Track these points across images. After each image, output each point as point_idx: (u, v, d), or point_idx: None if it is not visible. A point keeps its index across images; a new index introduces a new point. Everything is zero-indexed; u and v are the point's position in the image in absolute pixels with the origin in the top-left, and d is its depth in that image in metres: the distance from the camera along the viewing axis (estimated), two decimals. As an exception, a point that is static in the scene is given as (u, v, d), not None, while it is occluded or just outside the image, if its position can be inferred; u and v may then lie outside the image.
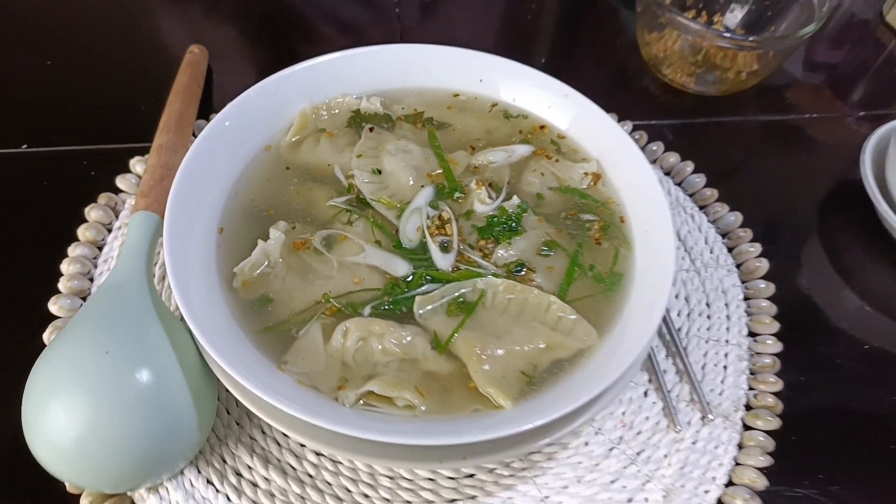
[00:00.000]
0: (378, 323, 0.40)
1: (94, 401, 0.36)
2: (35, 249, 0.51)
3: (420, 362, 0.39)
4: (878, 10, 0.79)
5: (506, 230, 0.44)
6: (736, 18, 0.71)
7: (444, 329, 0.40)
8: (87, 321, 0.39)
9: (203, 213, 0.43)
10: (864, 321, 0.53)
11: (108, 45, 0.68)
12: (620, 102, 0.65)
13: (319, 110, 0.50)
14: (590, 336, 0.41)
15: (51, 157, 0.57)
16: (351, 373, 0.38)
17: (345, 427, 0.34)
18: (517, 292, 0.42)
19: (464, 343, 0.39)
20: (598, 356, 0.40)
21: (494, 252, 0.44)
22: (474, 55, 0.52)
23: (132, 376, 0.37)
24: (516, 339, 0.40)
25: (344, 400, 0.37)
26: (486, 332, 0.40)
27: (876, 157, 0.59)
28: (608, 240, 0.45)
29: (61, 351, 0.38)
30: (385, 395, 0.37)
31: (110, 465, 0.37)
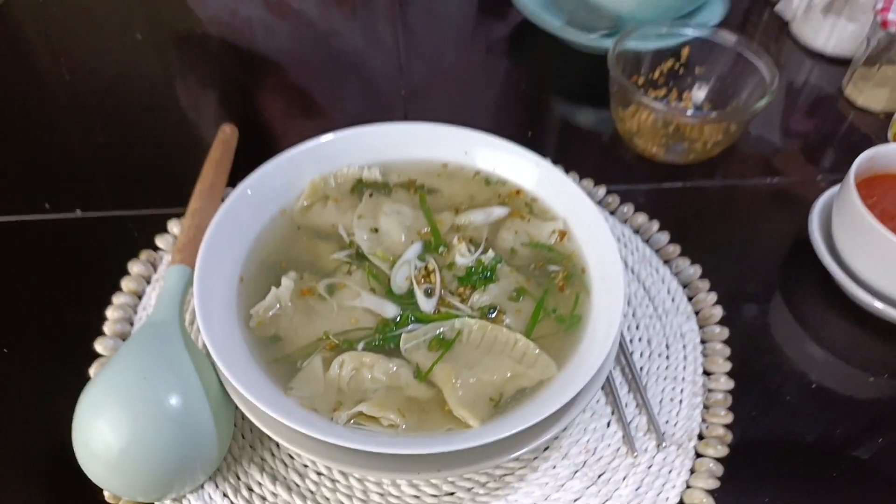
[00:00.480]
0: (369, 356, 0.47)
1: (133, 419, 0.44)
2: (85, 298, 0.59)
3: (403, 389, 0.46)
4: (839, 86, 0.87)
5: (482, 279, 0.52)
6: (702, 94, 0.80)
7: (425, 361, 0.47)
8: (128, 353, 0.47)
9: (227, 265, 0.52)
10: (812, 362, 0.59)
11: (152, 125, 0.78)
12: (597, 170, 0.73)
13: (327, 179, 0.59)
14: (549, 368, 0.47)
15: (101, 220, 0.67)
16: (345, 397, 0.46)
17: (338, 439, 0.41)
18: (489, 331, 0.49)
19: (441, 373, 0.46)
20: (555, 385, 0.46)
21: (471, 297, 0.51)
22: (461, 131, 0.61)
23: (165, 400, 0.44)
24: (486, 370, 0.47)
25: (338, 419, 0.44)
26: (460, 364, 0.47)
27: (823, 218, 0.66)
28: (570, 287, 0.52)
29: (106, 377, 0.46)
30: (373, 415, 0.44)
31: (145, 476, 0.44)
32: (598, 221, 0.54)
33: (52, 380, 0.54)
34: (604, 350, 0.46)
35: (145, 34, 0.91)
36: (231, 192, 0.54)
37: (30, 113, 0.79)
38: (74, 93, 0.82)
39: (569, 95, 0.86)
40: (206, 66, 0.88)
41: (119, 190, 0.70)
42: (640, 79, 0.81)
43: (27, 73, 0.85)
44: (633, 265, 0.63)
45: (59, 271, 0.62)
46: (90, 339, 0.55)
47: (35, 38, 0.90)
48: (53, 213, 0.67)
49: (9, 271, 0.62)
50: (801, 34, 0.94)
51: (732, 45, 0.76)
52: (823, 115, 0.85)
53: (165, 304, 0.51)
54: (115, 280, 0.60)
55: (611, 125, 0.78)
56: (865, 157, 0.63)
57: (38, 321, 0.58)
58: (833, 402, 0.56)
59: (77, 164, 0.73)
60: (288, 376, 0.47)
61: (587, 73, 0.89)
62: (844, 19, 0.89)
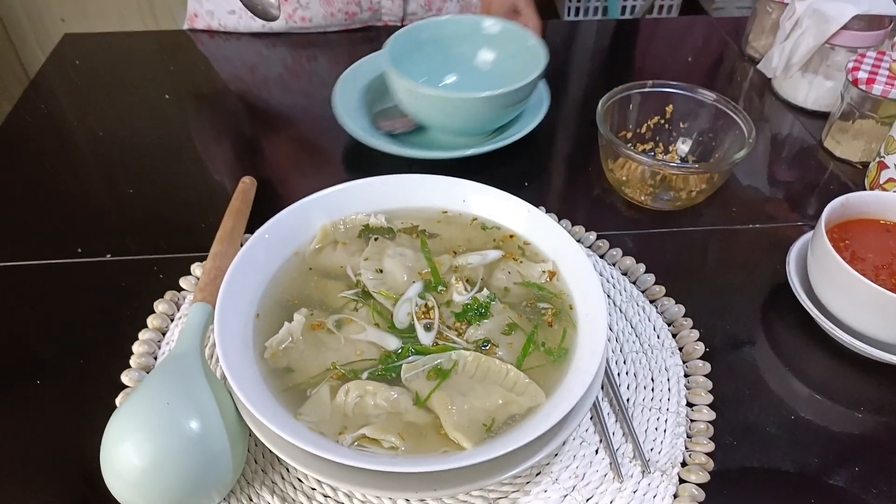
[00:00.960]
0: (372, 384, 0.51)
1: (156, 441, 0.48)
2: (113, 334, 0.64)
3: (403, 414, 0.50)
4: (819, 138, 0.93)
5: (477, 315, 0.57)
6: (686, 147, 0.86)
7: (423, 389, 0.52)
8: (153, 382, 0.52)
9: (244, 303, 0.57)
10: (791, 395, 0.62)
11: (178, 176, 0.85)
12: (589, 217, 0.78)
13: (337, 225, 0.64)
14: (538, 396, 0.51)
15: (128, 264, 0.72)
16: (349, 421, 0.50)
17: (343, 459, 0.45)
18: (482, 362, 0.53)
19: (438, 400, 0.51)
20: (544, 411, 0.51)
21: (467, 331, 0.56)
22: (460, 182, 0.66)
23: (186, 424, 0.49)
24: (480, 398, 0.51)
25: (343, 441, 0.48)
26: (456, 392, 0.51)
27: (800, 260, 0.70)
28: (559, 322, 0.57)
29: (132, 404, 0.50)
30: (375, 437, 0.48)
31: (165, 495, 0.48)
32: (583, 262, 0.58)
33: (82, 409, 0.59)
34: (587, 380, 0.50)
35: (172, 93, 0.99)
36: (249, 238, 0.59)
37: (64, 167, 0.86)
38: (105, 148, 0.89)
39: (562, 149, 0.92)
40: (227, 122, 0.96)
41: (146, 236, 0.75)
42: (629, 133, 0.87)
43: (63, 130, 0.93)
44: (620, 304, 0.68)
45: (90, 310, 0.67)
46: (118, 371, 0.60)
47: (70, 98, 0.98)
48: (85, 257, 0.73)
49: (43, 310, 0.68)
50: (782, 90, 1.00)
51: (712, 101, 0.82)
52: (804, 164, 0.90)
53: (188, 337, 0.56)
54: (141, 318, 0.65)
55: (601, 175, 0.84)
56: (837, 204, 0.68)
57: (69, 356, 0.63)
58: (810, 433, 0.59)
59: (107, 214, 0.79)
60: (298, 403, 0.51)
61: (579, 128, 0.95)
62: (822, 77, 0.96)
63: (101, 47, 1.09)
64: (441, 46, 0.92)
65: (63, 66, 1.04)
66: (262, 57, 1.07)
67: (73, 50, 1.07)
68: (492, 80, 0.90)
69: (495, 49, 0.93)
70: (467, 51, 0.93)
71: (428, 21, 0.91)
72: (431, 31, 0.91)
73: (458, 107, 0.80)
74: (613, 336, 0.65)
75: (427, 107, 0.82)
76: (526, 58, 0.87)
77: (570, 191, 0.87)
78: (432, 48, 0.91)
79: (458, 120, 0.83)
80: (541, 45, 0.86)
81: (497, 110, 0.82)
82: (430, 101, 0.80)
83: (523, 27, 0.92)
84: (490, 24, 0.92)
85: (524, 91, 0.81)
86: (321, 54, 1.09)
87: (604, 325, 0.53)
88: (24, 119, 0.93)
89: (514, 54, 0.90)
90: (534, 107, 0.89)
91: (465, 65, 0.93)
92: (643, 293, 0.69)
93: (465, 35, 0.92)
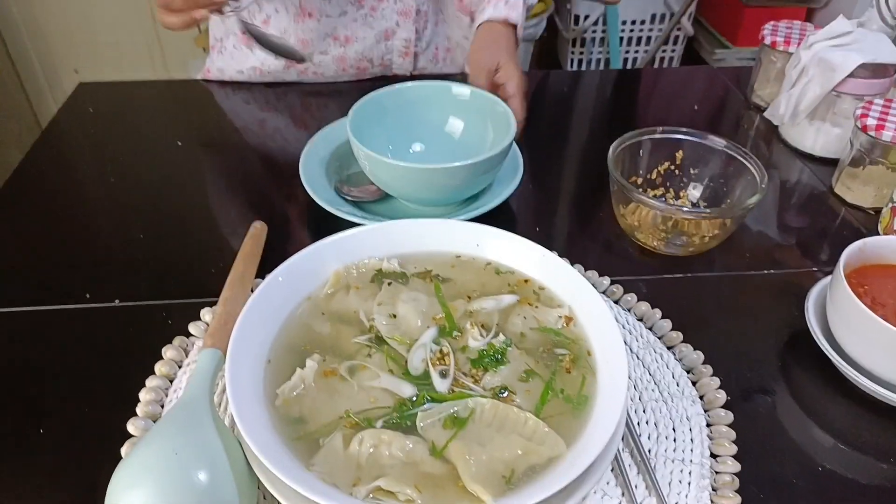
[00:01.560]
0: (387, 433, 0.50)
1: (163, 493, 0.46)
2: (120, 382, 0.63)
3: (419, 465, 0.49)
4: (829, 184, 0.93)
5: (493, 361, 0.55)
6: (697, 193, 0.86)
7: (440, 438, 0.50)
8: (160, 430, 0.50)
9: (255, 349, 0.56)
10: (817, 445, 0.60)
11: (189, 222, 0.85)
12: (601, 262, 0.77)
13: (350, 269, 0.63)
14: (558, 446, 0.50)
15: (137, 309, 0.71)
16: (364, 472, 0.48)
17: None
18: (500, 410, 0.52)
19: (455, 450, 0.49)
20: (565, 462, 0.49)
21: (483, 378, 0.54)
22: (473, 226, 0.66)
23: (195, 474, 0.47)
24: (498, 447, 0.49)
25: (358, 494, 0.46)
26: (473, 442, 0.50)
27: (819, 306, 0.69)
28: (577, 369, 0.56)
29: (139, 453, 0.48)
30: (390, 489, 0.46)
31: (171, 550, 0.46)
32: (601, 307, 0.57)
33: (86, 460, 0.57)
34: (610, 428, 0.48)
35: (184, 140, 1.00)
36: (261, 282, 0.58)
37: (75, 212, 0.86)
38: (116, 193, 0.89)
39: (570, 195, 0.92)
40: (237, 169, 0.96)
41: (156, 282, 0.75)
42: (639, 179, 0.87)
43: (75, 176, 0.94)
44: (637, 351, 0.66)
45: (97, 356, 0.66)
46: (124, 420, 0.58)
47: (83, 145, 0.99)
48: (93, 302, 0.72)
49: (49, 356, 0.66)
50: (789, 138, 1.01)
51: (722, 147, 0.83)
52: (816, 210, 0.90)
53: (196, 384, 0.54)
54: (150, 364, 0.64)
55: (612, 221, 0.84)
56: (855, 248, 0.67)
57: (74, 404, 0.61)
58: (839, 485, 0.57)
59: (117, 259, 0.79)
60: (310, 453, 0.49)
61: (587, 176, 0.95)
62: (829, 124, 0.96)
63: (115, 95, 1.11)
64: (408, 112, 0.88)
65: (77, 114, 1.05)
66: (272, 105, 1.09)
67: (88, 98, 1.08)
68: (462, 147, 0.88)
69: (464, 115, 0.90)
70: (436, 117, 0.90)
71: (394, 87, 0.87)
72: (397, 97, 0.87)
73: (423, 177, 0.76)
74: (632, 384, 0.63)
75: (392, 177, 0.78)
76: (496, 124, 0.85)
77: (581, 236, 0.86)
78: (399, 114, 0.88)
79: (425, 191, 0.79)
80: (510, 111, 0.83)
81: (465, 180, 0.77)
82: (394, 172, 0.77)
83: (505, 81, 0.90)
84: (459, 90, 0.89)
85: (493, 161, 0.77)
86: (332, 102, 1.10)
87: (624, 370, 0.52)
88: (37, 165, 0.94)
89: (483, 120, 0.87)
90: (508, 173, 0.86)
91: (434, 131, 0.90)
92: (660, 339, 0.68)
93: (432, 100, 0.89)
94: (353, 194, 0.84)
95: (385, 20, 1.08)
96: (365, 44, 1.10)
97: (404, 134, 0.90)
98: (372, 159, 0.77)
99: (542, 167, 0.95)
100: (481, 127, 0.88)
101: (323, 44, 1.08)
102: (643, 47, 2.33)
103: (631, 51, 2.35)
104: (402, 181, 0.78)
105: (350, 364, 0.55)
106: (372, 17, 1.08)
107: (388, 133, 0.88)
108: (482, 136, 0.88)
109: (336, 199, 0.83)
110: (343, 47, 1.09)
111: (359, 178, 0.86)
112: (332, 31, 1.07)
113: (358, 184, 0.86)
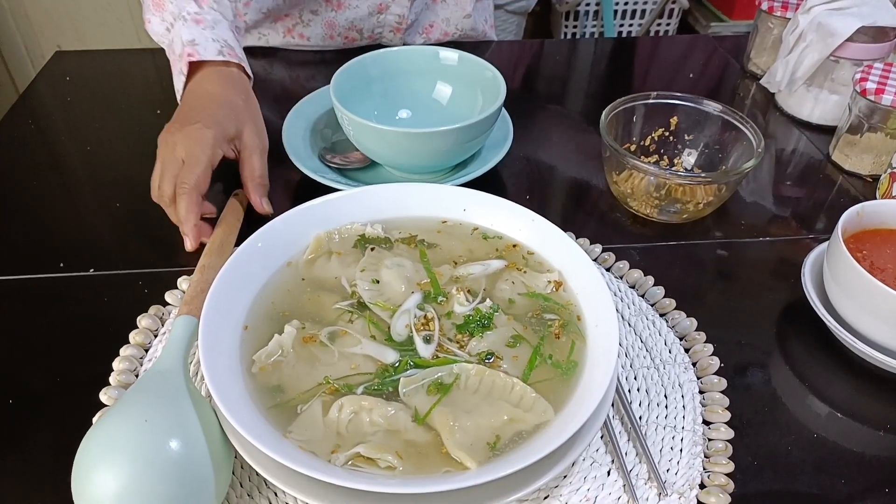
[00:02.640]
0: (368, 399, 0.48)
1: (132, 462, 0.44)
2: (93, 351, 0.60)
3: (401, 432, 0.47)
4: (827, 152, 0.91)
5: (479, 326, 0.53)
6: (692, 160, 0.84)
7: (423, 405, 0.48)
8: (131, 398, 0.48)
9: (232, 314, 0.54)
10: (812, 413, 0.58)
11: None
12: (593, 230, 0.75)
13: (332, 235, 0.61)
14: (546, 412, 0.48)
15: (112, 278, 0.69)
16: (343, 440, 0.46)
17: (335, 479, 0.42)
18: (486, 376, 0.50)
19: (439, 416, 0.47)
20: (552, 428, 0.47)
21: (469, 344, 0.52)
22: (459, 190, 0.64)
23: (166, 443, 0.45)
24: (484, 414, 0.47)
25: (335, 461, 0.44)
26: (458, 408, 0.48)
27: (815, 272, 0.67)
28: (566, 335, 0.54)
29: (107, 422, 0.46)
30: (370, 456, 0.45)
31: (143, 521, 0.44)
32: (592, 272, 0.55)
33: (57, 430, 0.55)
34: (599, 394, 0.47)
35: (164, 109, 0.96)
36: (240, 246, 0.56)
37: (50, 181, 0.84)
38: (93, 162, 0.86)
39: (562, 164, 0.89)
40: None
41: (132, 251, 0.72)
42: (632, 146, 0.84)
43: (51, 144, 0.90)
44: (629, 318, 0.65)
45: (71, 326, 0.64)
46: (96, 390, 0.56)
47: (59, 113, 0.96)
48: (67, 272, 0.69)
49: (21, 326, 0.64)
50: (786, 106, 0.99)
51: (718, 112, 0.80)
52: (813, 178, 0.88)
53: (170, 352, 0.52)
54: (124, 334, 0.61)
55: (605, 190, 0.81)
56: (853, 212, 0.65)
57: (46, 374, 0.59)
58: (835, 453, 0.55)
59: (92, 228, 0.76)
60: (287, 421, 0.47)
61: (579, 144, 0.93)
62: (827, 91, 0.94)
63: (93, 64, 1.07)
64: (394, 78, 0.86)
65: (54, 83, 1.01)
66: (257, 73, 1.05)
67: (65, 66, 1.05)
68: (449, 114, 0.85)
69: (453, 81, 0.87)
70: (423, 83, 0.87)
71: (380, 52, 0.84)
72: (383, 62, 0.85)
73: (409, 143, 0.73)
74: (623, 351, 0.62)
75: (377, 143, 0.75)
76: (485, 89, 0.82)
77: (573, 205, 0.84)
78: (385, 80, 0.85)
79: (412, 157, 0.76)
80: (499, 76, 0.80)
81: (453, 146, 0.74)
82: (380, 137, 0.73)
83: None
84: (446, 55, 0.85)
85: (482, 126, 0.74)
86: (318, 72, 1.07)
87: (615, 335, 0.50)
88: (12, 132, 0.90)
89: (472, 86, 0.84)
90: (497, 141, 0.83)
91: (421, 98, 0.87)
92: (652, 307, 0.66)
93: (419, 66, 0.86)
94: (336, 161, 0.81)
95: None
96: (357, 13, 1.06)
97: (390, 100, 0.87)
98: (356, 124, 0.74)
99: (534, 136, 0.92)
100: (470, 93, 0.85)
101: (314, 2, 1.04)
102: (637, 20, 2.29)
103: (625, 24, 2.31)
104: (387, 147, 0.75)
105: (330, 330, 0.53)
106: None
107: (373, 99, 0.85)
108: (471, 103, 0.85)
109: (320, 168, 0.80)
110: (334, 11, 1.05)
111: (344, 146, 0.84)
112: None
113: (343, 151, 0.83)
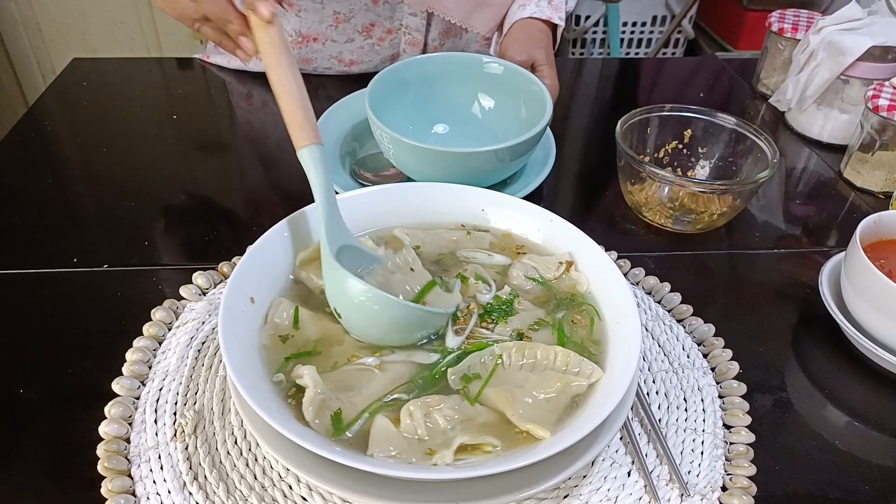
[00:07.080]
0: (432, 398, 0.48)
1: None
2: (107, 345, 0.60)
3: (474, 418, 0.47)
4: (838, 169, 0.91)
5: (502, 313, 0.55)
6: (706, 173, 0.84)
7: (475, 389, 0.49)
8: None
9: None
10: (833, 418, 0.58)
11: (180, 191, 0.82)
12: (607, 238, 0.75)
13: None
14: (595, 371, 0.50)
15: (127, 274, 0.68)
16: (431, 442, 0.46)
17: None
18: (527, 350, 0.51)
19: (496, 396, 0.48)
20: (603, 386, 0.49)
21: (495, 329, 0.54)
22: (477, 191, 0.64)
23: None
24: (537, 386, 0.49)
25: (442, 460, 0.44)
26: (511, 385, 0.49)
27: (833, 280, 0.67)
28: (585, 317, 0.56)
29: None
30: (473, 443, 0.45)
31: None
32: (609, 267, 0.56)
33: (67, 420, 0.54)
34: (634, 356, 0.48)
35: (180, 114, 0.97)
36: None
37: (65, 181, 0.84)
38: (109, 163, 0.86)
39: (580, 175, 0.90)
40: (245, 148, 0.94)
41: (146, 248, 0.72)
42: (646, 157, 0.85)
43: (67, 145, 0.91)
44: (646, 323, 0.64)
45: (83, 321, 0.63)
46: (108, 382, 0.56)
47: (75, 115, 0.96)
48: (81, 267, 0.69)
49: (34, 319, 0.64)
50: (796, 124, 1.00)
51: (732, 125, 0.81)
52: (825, 195, 0.88)
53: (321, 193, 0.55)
54: (137, 329, 0.61)
55: (619, 200, 0.81)
56: (870, 221, 0.65)
57: (59, 365, 0.59)
58: (857, 458, 0.55)
59: (106, 225, 0.76)
60: (362, 447, 0.45)
61: (592, 158, 0.93)
62: (837, 110, 0.95)
63: (110, 70, 1.08)
64: (432, 87, 0.80)
65: (71, 87, 1.02)
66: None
67: (81, 73, 1.06)
68: (488, 128, 0.80)
69: (495, 92, 0.81)
70: (463, 93, 0.81)
71: (417, 58, 0.79)
72: (421, 69, 0.78)
73: (455, 162, 0.67)
74: (640, 354, 0.61)
75: (419, 161, 0.69)
76: (529, 104, 0.76)
77: (588, 214, 0.84)
78: (422, 89, 0.79)
79: (451, 176, 0.67)
80: (545, 90, 0.75)
81: (494, 166, 0.69)
82: (422, 155, 0.68)
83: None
84: (490, 63, 0.79)
85: (527, 145, 0.69)
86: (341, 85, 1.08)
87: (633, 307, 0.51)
88: (29, 133, 0.91)
89: (517, 99, 0.78)
90: (539, 160, 0.78)
91: (458, 109, 0.81)
92: (669, 313, 0.66)
93: (460, 75, 0.80)
94: (371, 179, 0.76)
95: (392, 49, 1.06)
96: (370, 65, 1.06)
97: (426, 110, 0.81)
98: (396, 141, 0.67)
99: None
100: (513, 106, 0.79)
101: (326, 63, 1.05)
102: (643, 49, 2.32)
103: (632, 52, 2.33)
104: (429, 165, 0.69)
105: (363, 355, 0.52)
106: (379, 46, 1.04)
107: (407, 109, 0.79)
108: (513, 117, 0.78)
109: (351, 184, 0.74)
110: (347, 67, 1.06)
111: (374, 161, 0.78)
112: (338, 55, 1.03)
113: (374, 167, 0.77)
